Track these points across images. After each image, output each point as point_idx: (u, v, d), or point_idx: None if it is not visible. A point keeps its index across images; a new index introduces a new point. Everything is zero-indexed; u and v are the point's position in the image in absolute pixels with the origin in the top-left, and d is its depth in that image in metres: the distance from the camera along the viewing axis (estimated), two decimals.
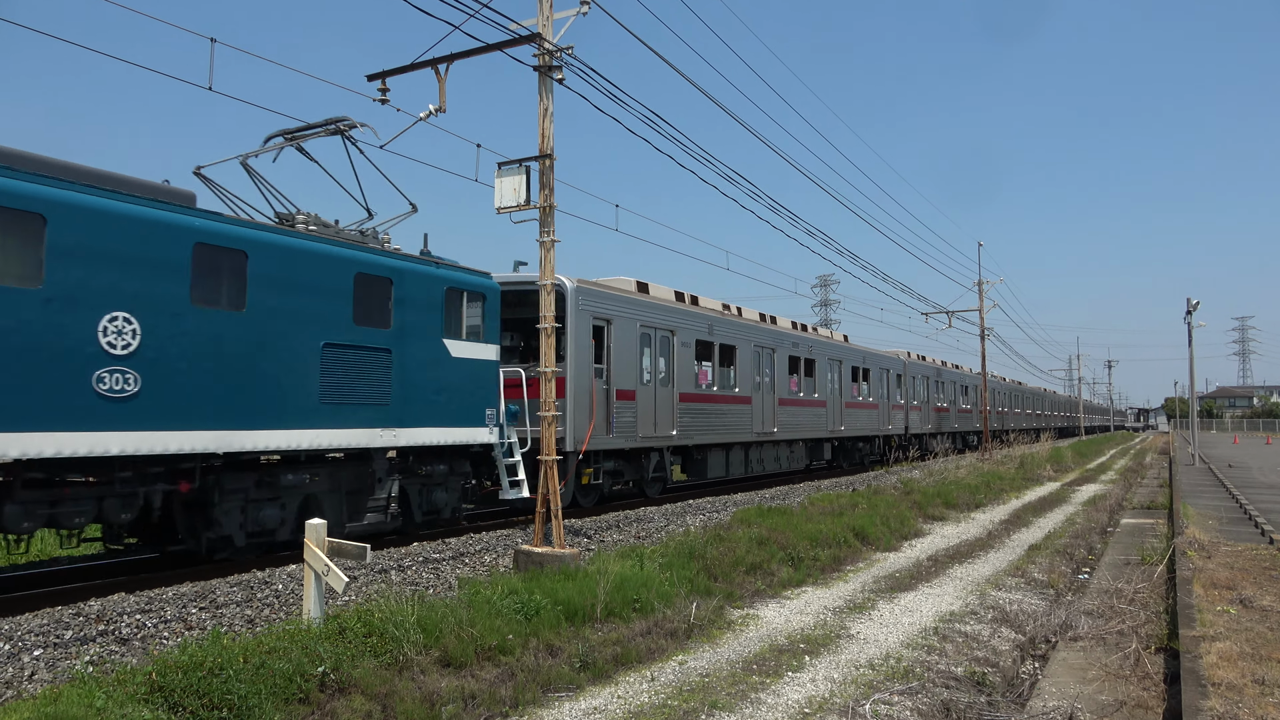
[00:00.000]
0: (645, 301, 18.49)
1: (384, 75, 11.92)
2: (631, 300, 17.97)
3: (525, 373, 15.18)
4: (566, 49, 10.95)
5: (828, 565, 12.13)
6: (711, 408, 20.88)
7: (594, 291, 16.70)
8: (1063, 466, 35.52)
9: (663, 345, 18.94)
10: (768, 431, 23.82)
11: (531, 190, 11.16)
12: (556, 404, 13.67)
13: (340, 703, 5.81)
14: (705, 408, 20.57)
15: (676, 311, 19.61)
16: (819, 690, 6.85)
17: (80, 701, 5.06)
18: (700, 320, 20.58)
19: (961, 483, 23.02)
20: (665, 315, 19.03)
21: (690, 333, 19.95)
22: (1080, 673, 7.44)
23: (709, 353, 21.40)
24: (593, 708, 6.36)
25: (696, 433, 20.03)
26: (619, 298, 17.43)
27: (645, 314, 18.33)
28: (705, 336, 20.68)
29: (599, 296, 16.82)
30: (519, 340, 17.30)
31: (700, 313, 20.80)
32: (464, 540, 13.12)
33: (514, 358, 16.60)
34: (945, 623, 9.16)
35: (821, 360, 27.97)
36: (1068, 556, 14.01)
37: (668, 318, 19.13)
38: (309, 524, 7.25)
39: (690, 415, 19.68)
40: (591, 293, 16.60)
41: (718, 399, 21.21)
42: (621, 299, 17.49)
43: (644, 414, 17.93)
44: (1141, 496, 24.02)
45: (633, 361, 17.64)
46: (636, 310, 18.06)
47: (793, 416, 25.56)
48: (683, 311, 19.98)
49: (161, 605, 8.63)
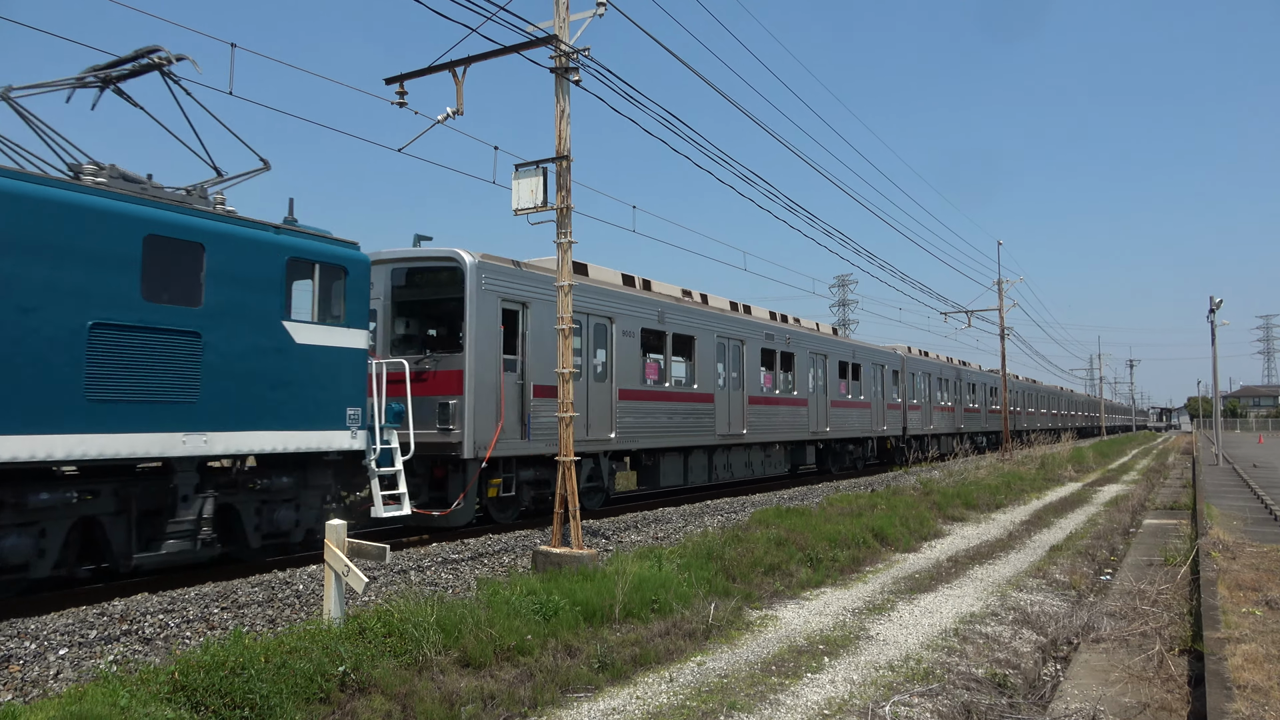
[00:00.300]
0: (576, 285, 16.17)
1: (401, 78, 11.99)
2: (554, 281, 15.90)
3: (410, 365, 13.02)
4: (583, 50, 10.97)
5: (846, 566, 12.08)
6: (662, 406, 18.30)
7: (503, 269, 14.31)
8: (1084, 467, 35.21)
9: (598, 334, 16.56)
10: (735, 433, 21.22)
11: (549, 192, 11.20)
12: (453, 402, 12.93)
13: (360, 702, 5.84)
14: (654, 407, 18.05)
15: (616, 295, 17.12)
16: (838, 692, 6.82)
17: (105, 700, 5.12)
18: (648, 306, 18.03)
19: (981, 483, 22.88)
20: (601, 300, 16.58)
21: (634, 320, 17.42)
22: (1103, 674, 7.37)
23: (659, 344, 18.94)
24: (611, 708, 6.36)
25: (643, 435, 17.47)
26: (537, 277, 15.03)
27: (575, 299, 15.32)
28: (655, 325, 18.17)
29: (510, 276, 14.42)
30: (418, 327, 15.38)
31: (649, 298, 18.32)
32: (482, 541, 13.16)
33: (410, 347, 14.67)
34: (966, 624, 9.10)
35: (802, 354, 25.32)
36: (1089, 557, 13.89)
37: (604, 302, 16.64)
38: (329, 525, 7.30)
39: (634, 415, 17.21)
40: (499, 271, 14.20)
41: (670, 396, 18.58)
42: (540, 279, 15.07)
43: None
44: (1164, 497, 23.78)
45: (554, 352, 14.72)
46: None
47: (767, 417, 22.93)
48: (624, 296, 17.44)
49: (184, 605, 8.71)
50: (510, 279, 14.45)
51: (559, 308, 11.30)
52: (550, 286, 14.83)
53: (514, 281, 14.56)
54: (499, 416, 13.87)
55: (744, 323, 22.10)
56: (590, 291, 16.27)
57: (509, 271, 14.49)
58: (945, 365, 39.66)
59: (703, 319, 20.15)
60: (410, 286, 14.72)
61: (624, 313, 17.23)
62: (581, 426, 15.42)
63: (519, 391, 14.56)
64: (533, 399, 14.59)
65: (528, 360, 14.67)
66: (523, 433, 14.47)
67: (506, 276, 14.39)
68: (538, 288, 14.99)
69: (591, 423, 15.97)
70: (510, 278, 14.45)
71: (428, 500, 13.85)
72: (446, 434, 13.32)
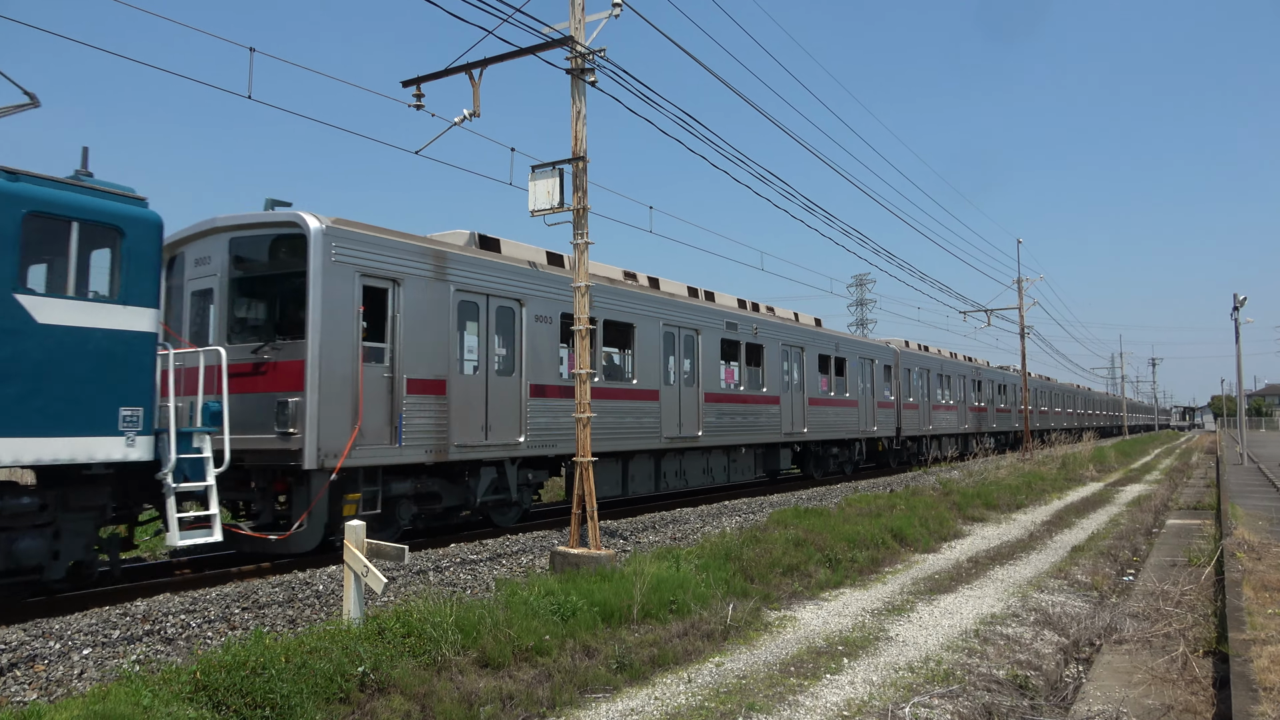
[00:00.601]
0: (470, 259, 13.59)
1: (419, 81, 12.05)
2: (439, 255, 12.97)
3: (228, 353, 10.57)
4: (599, 51, 10.98)
5: (865, 567, 12.03)
6: (593, 404, 16.05)
7: (364, 239, 11.89)
8: (1106, 466, 34.91)
9: (502, 320, 14.13)
10: (688, 436, 18.59)
11: (565, 193, 11.22)
12: (292, 400, 10.89)
13: (380, 702, 5.87)
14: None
15: (526, 275, 14.62)
16: (857, 693, 6.79)
17: (128, 700, 5.17)
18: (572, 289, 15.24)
19: (1002, 483, 22.73)
20: (506, 279, 14.13)
21: (551, 304, 14.96)
22: (1125, 676, 7.30)
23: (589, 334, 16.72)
24: (630, 709, 6.36)
25: (563, 439, 14.88)
26: (413, 249, 12.58)
27: (468, 276, 13.40)
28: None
29: (375, 247, 12.02)
30: (262, 309, 12.80)
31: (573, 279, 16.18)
32: (501, 541, 13.18)
33: (251, 333, 12.36)
34: (986, 625, 9.04)
35: (773, 346, 22.48)
36: (1112, 558, 13.76)
37: (510, 283, 14.21)
38: (348, 525, 7.34)
39: (550, 415, 14.82)
40: (359, 240, 11.80)
41: (602, 393, 15.92)
42: (418, 250, 12.63)
43: (463, 413, 13.14)
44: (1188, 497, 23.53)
45: (441, 340, 12.82)
46: (448, 270, 13.05)
47: (728, 417, 20.27)
48: (540, 276, 14.92)
49: (205, 606, 8.77)
50: (376, 250, 12.01)
51: (576, 309, 11.29)
52: (431, 262, 12.72)
53: (381, 254, 12.07)
54: (355, 417, 11.47)
55: (699, 310, 19.51)
56: (495, 269, 14.03)
57: (373, 241, 12.02)
58: (947, 360, 37.02)
59: (645, 304, 17.51)
60: (250, 260, 12.38)
61: (538, 294, 14.75)
62: (475, 428, 13.34)
63: (386, 387, 12.05)
64: (405, 396, 12.19)
65: (399, 349, 12.20)
66: (392, 436, 12.01)
67: (370, 248, 11.93)
68: (414, 262, 12.50)
69: (492, 424, 13.68)
70: (376, 249, 12.01)
71: (272, 521, 11.53)
72: (285, 439, 10.95)
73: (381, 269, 12.09)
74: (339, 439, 11.27)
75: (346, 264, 11.61)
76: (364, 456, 11.64)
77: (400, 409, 12.17)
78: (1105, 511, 20.37)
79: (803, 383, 23.98)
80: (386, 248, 12.20)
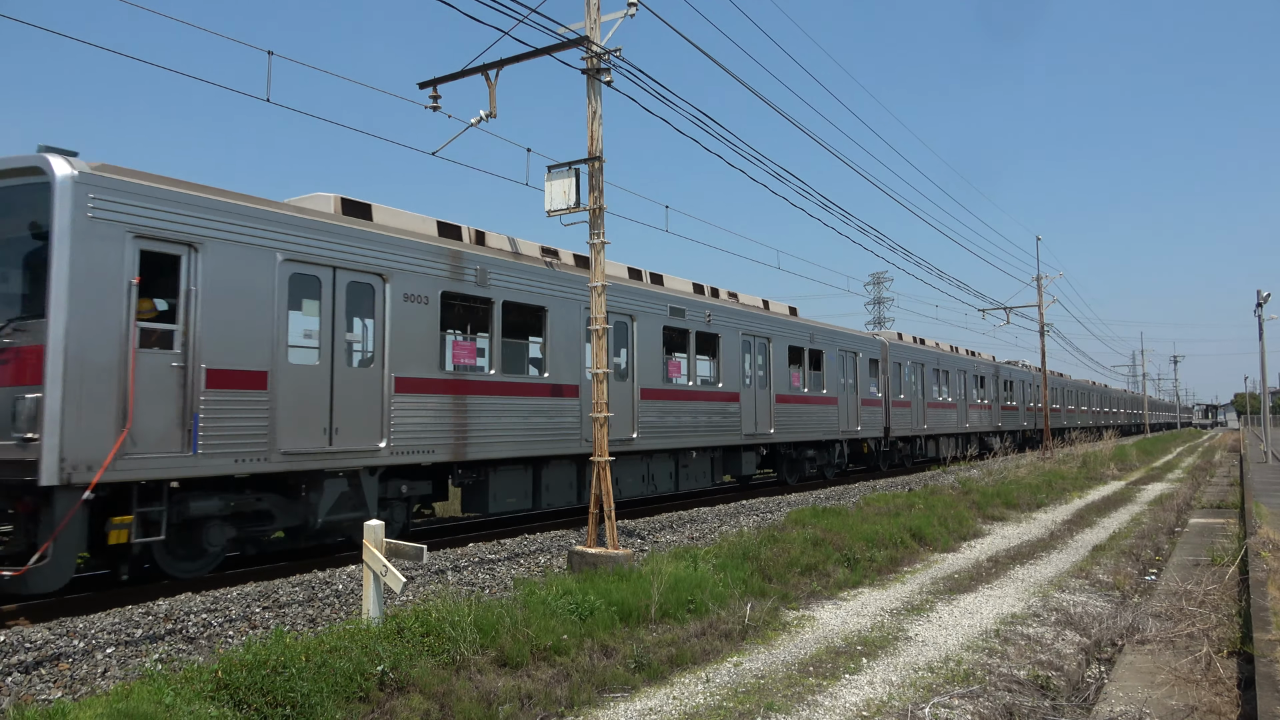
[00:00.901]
0: (305, 222, 10.96)
1: (435, 82, 12.10)
2: (259, 216, 10.52)
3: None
4: (614, 51, 10.99)
5: (884, 566, 11.97)
6: (480, 402, 13.20)
7: (140, 190, 9.42)
8: (1127, 465, 34.61)
9: (354, 299, 11.66)
10: (619, 438, 15.84)
11: (581, 193, 11.23)
12: (29, 396, 8.56)
13: (399, 701, 5.89)
14: (466, 403, 12.95)
15: (393, 245, 12.05)
16: (877, 693, 6.76)
17: (150, 698, 5.22)
18: (457, 264, 13.01)
19: (1022, 482, 22.58)
20: (363, 249, 11.63)
21: (426, 282, 12.44)
22: (1148, 676, 7.23)
23: (481, 317, 14.24)
24: (648, 709, 6.36)
25: (443, 443, 12.49)
26: (218, 207, 10.10)
27: (304, 243, 10.89)
28: (469, 289, 13.22)
29: (158, 201, 9.54)
30: (5, 281, 9.76)
31: (461, 252, 13.13)
32: (519, 541, 13.22)
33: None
34: (1006, 625, 8.98)
35: (731, 337, 19.73)
36: (1133, 557, 13.64)
37: (369, 253, 11.70)
38: (367, 525, 7.37)
39: (429, 415, 12.34)
40: (132, 192, 9.35)
41: (494, 388, 13.49)
42: (225, 210, 10.16)
43: (295, 413, 10.62)
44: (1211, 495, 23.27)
45: (262, 322, 10.43)
46: (273, 234, 10.62)
47: (672, 415, 17.49)
48: (414, 248, 12.36)
49: (226, 605, 8.84)
50: (160, 206, 9.58)
51: (593, 308, 11.28)
52: (245, 222, 10.31)
53: (168, 211, 9.65)
54: (125, 417, 9.10)
55: (634, 293, 16.85)
56: (341, 236, 11.38)
57: (156, 195, 9.57)
58: (945, 354, 34.30)
59: (555, 283, 14.95)
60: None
61: (410, 269, 12.28)
62: (313, 431, 10.81)
63: (176, 379, 9.65)
64: (204, 390, 9.80)
65: (197, 331, 9.81)
66: (185, 442, 9.61)
67: (151, 203, 9.50)
68: (219, 222, 10.10)
69: (339, 426, 11.10)
70: (160, 205, 9.58)
71: (25, 550, 8.80)
72: (23, 447, 8.60)
73: (169, 230, 9.61)
74: (96, 446, 8.84)
75: (112, 222, 9.16)
76: (138, 468, 9.18)
77: (196, 407, 9.74)
78: (1127, 510, 20.19)
79: (768, 377, 21.27)
80: (177, 204, 9.71)
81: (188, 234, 9.81)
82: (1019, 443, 43.87)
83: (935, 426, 32.36)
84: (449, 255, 12.92)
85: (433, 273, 12.63)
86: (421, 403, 12.27)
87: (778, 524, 13.52)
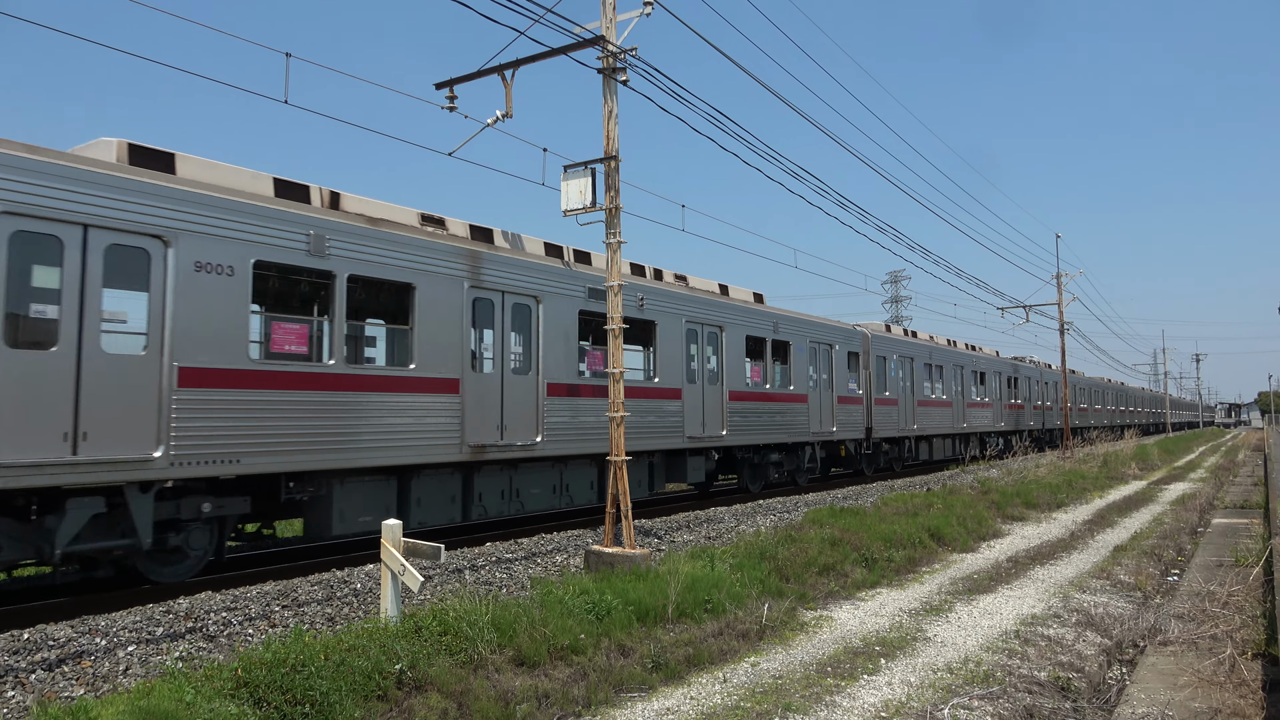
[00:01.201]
0: (39, 167, 8.67)
1: (451, 83, 12.13)
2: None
3: None
4: (630, 50, 10.98)
5: (903, 566, 11.91)
6: (315, 400, 10.90)
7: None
8: (1148, 464, 34.28)
9: (119, 267, 9.30)
10: (518, 443, 13.76)
11: (597, 192, 11.23)
12: None
13: (417, 700, 5.91)
14: (293, 400, 10.69)
15: (175, 199, 9.69)
16: (895, 694, 6.73)
17: (171, 696, 5.26)
18: (282, 227, 10.71)
19: (1042, 482, 22.42)
20: (127, 204, 9.29)
21: (229, 248, 10.14)
22: (1171, 678, 7.16)
23: (322, 298, 11.95)
24: (665, 708, 6.35)
25: (256, 451, 10.24)
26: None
27: (30, 192, 8.58)
28: (297, 258, 10.86)
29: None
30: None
31: (287, 212, 10.83)
32: (535, 540, 13.24)
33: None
34: (1027, 626, 8.91)
35: (671, 325, 17.33)
36: (1155, 558, 13.51)
37: (139, 209, 9.37)
38: (385, 524, 7.41)
39: (229, 416, 10.01)
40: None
41: (333, 382, 11.15)
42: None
43: (12, 413, 8.32)
44: (1234, 495, 23.01)
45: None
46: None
47: (590, 414, 15.14)
48: (208, 203, 10.01)
49: (246, 603, 8.90)
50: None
51: (609, 308, 11.28)
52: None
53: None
54: None
55: (539, 270, 14.49)
56: (65, 179, 8.82)
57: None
58: (939, 349, 31.88)
59: (438, 257, 12.64)
60: None
61: (200, 229, 9.89)
62: (45, 438, 8.49)
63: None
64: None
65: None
66: None
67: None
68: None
69: (88, 430, 8.81)
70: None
71: None
72: None
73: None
74: None
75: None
76: None
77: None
78: (1148, 510, 20.00)
79: (720, 371, 18.97)
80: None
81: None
82: (1033, 442, 42.54)
83: (928, 426, 29.95)
84: (269, 216, 10.57)
85: (241, 236, 10.26)
86: (220, 400, 9.96)
87: (795, 523, 13.48)
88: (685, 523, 15.34)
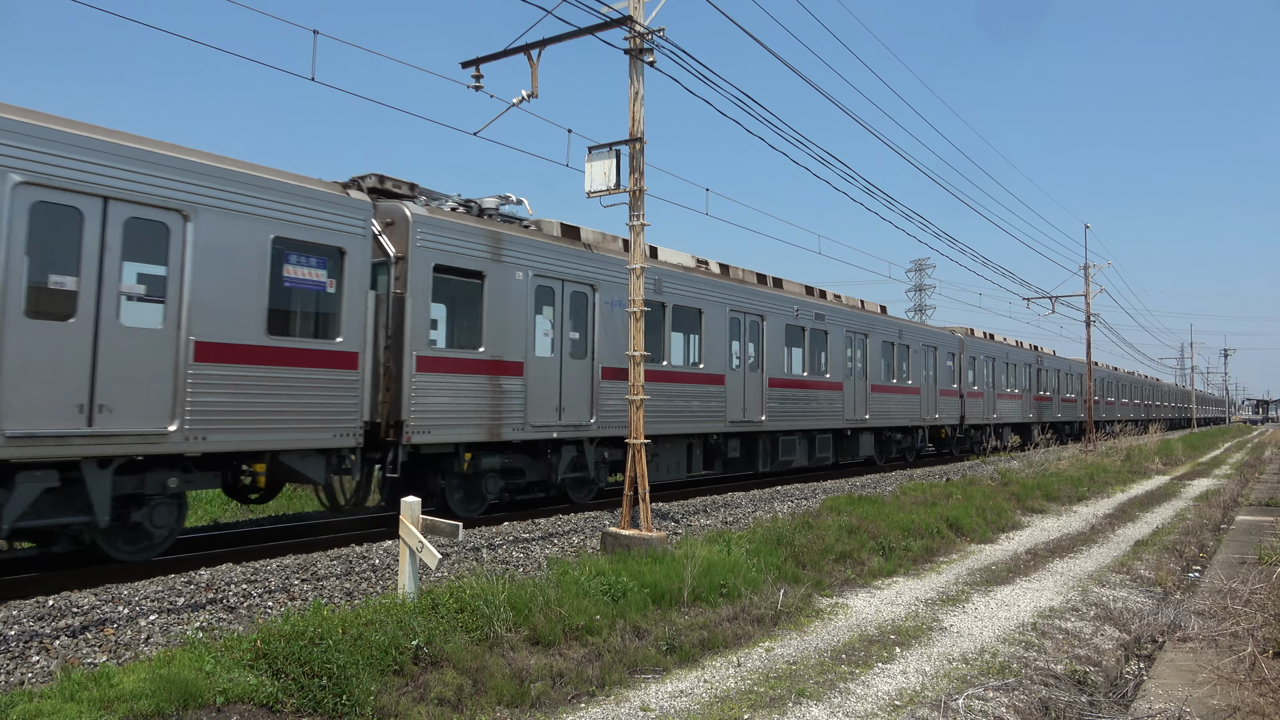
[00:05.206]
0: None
1: (478, 62, 12.09)
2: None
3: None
4: (658, 31, 10.90)
5: (920, 556, 11.86)
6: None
7: None
8: (1172, 460, 33.92)
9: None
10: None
11: (621, 174, 11.18)
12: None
13: (433, 675, 5.96)
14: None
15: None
16: (910, 683, 6.71)
17: (191, 665, 5.33)
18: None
19: (1063, 475, 22.23)
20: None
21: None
22: (1189, 675, 7.09)
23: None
24: (679, 690, 6.37)
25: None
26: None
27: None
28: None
29: None
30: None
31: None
32: (553, 521, 13.29)
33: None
34: (1044, 618, 8.85)
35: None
36: (1177, 553, 13.37)
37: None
38: (404, 501, 7.45)
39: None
40: None
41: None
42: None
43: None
44: (1260, 493, 22.72)
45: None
46: None
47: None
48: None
49: (266, 576, 9.00)
50: None
51: (631, 290, 11.26)
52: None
53: None
54: None
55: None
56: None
57: None
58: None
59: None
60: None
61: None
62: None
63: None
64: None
65: None
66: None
67: None
68: None
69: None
70: None
71: None
72: None
73: None
74: None
75: None
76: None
77: None
78: (1171, 506, 19.79)
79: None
80: None
81: None
82: (1062, 435, 42.78)
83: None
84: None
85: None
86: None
87: (812, 510, 13.45)
88: (702, 507, 15.35)
